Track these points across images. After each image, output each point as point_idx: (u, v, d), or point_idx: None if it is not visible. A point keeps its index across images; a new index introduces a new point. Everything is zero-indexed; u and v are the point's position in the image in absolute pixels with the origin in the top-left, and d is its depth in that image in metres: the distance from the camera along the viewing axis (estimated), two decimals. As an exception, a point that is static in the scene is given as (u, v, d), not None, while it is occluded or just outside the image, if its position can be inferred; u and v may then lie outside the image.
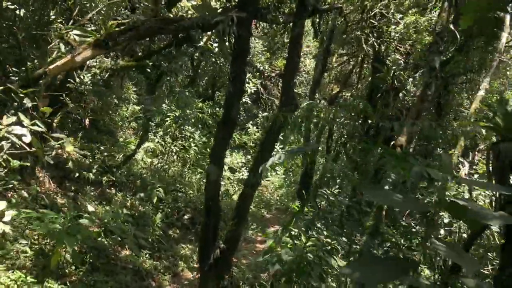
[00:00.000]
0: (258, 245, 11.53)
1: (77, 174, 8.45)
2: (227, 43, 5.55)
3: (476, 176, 8.26)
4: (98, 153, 10.35)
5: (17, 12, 7.71)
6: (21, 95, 6.71)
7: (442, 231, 6.66)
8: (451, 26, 7.09)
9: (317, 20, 13.09)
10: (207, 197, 5.85)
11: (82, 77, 5.79)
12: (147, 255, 7.92)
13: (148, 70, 6.38)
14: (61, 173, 8.56)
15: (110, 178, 9.54)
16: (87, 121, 10.70)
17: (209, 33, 12.65)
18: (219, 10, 6.23)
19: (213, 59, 15.97)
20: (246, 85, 15.84)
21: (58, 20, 8.20)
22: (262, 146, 5.84)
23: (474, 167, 8.99)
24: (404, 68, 10.44)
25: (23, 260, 5.54)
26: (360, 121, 12.92)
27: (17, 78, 7.82)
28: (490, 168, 3.29)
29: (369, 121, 11.86)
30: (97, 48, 4.81)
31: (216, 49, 12.95)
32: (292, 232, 4.58)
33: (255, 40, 16.83)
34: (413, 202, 2.68)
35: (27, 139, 5.37)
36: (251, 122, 17.75)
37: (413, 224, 6.35)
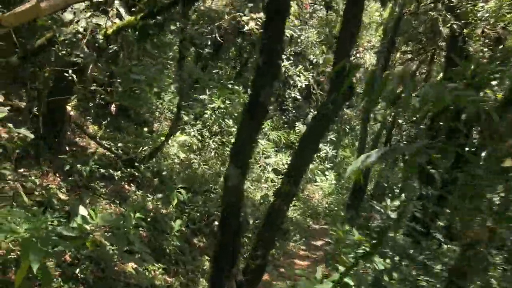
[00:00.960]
0: (298, 261, 9.95)
1: (86, 167, 7.19)
2: None
3: None
4: (122, 143, 9.14)
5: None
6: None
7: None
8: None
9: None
10: (224, 208, 4.35)
11: (57, 35, 4.44)
12: (160, 269, 6.54)
13: (150, 32, 4.98)
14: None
15: (131, 173, 8.30)
16: (113, 107, 9.52)
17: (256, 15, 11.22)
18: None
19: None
20: (297, 78, 14.27)
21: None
22: (304, 143, 4.27)
23: None
24: (489, 59, 8.45)
25: (-18, 274, 4.28)
26: (425, 124, 11.09)
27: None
28: None
29: (440, 123, 10.01)
30: (76, -7, 3.42)
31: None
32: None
33: (309, 29, 15.19)
34: None
35: None
36: (301, 120, 16.08)
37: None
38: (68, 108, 7.67)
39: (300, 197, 14.01)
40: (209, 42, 14.38)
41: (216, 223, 9.03)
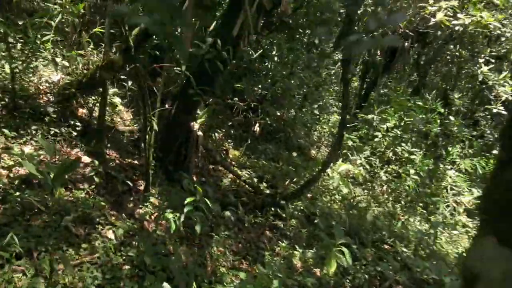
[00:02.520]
0: None
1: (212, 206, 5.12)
2: None
3: None
4: (265, 174, 7.03)
5: None
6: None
7: None
8: None
9: None
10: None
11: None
12: None
13: None
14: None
15: (275, 215, 6.09)
16: (257, 127, 7.54)
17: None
18: None
19: (451, 52, 11.32)
20: (500, 89, 10.69)
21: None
22: None
23: None
24: None
25: None
26: None
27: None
28: None
29: None
30: None
31: (457, 27, 8.46)
32: None
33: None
34: None
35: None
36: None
37: None
38: (196, 126, 5.81)
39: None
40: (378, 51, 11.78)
41: (393, 291, 6.22)
